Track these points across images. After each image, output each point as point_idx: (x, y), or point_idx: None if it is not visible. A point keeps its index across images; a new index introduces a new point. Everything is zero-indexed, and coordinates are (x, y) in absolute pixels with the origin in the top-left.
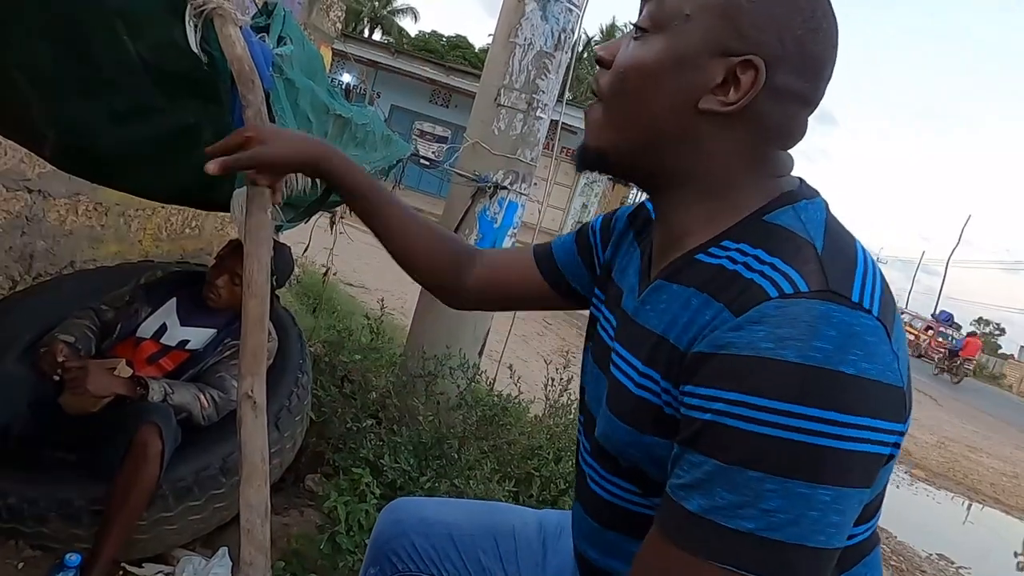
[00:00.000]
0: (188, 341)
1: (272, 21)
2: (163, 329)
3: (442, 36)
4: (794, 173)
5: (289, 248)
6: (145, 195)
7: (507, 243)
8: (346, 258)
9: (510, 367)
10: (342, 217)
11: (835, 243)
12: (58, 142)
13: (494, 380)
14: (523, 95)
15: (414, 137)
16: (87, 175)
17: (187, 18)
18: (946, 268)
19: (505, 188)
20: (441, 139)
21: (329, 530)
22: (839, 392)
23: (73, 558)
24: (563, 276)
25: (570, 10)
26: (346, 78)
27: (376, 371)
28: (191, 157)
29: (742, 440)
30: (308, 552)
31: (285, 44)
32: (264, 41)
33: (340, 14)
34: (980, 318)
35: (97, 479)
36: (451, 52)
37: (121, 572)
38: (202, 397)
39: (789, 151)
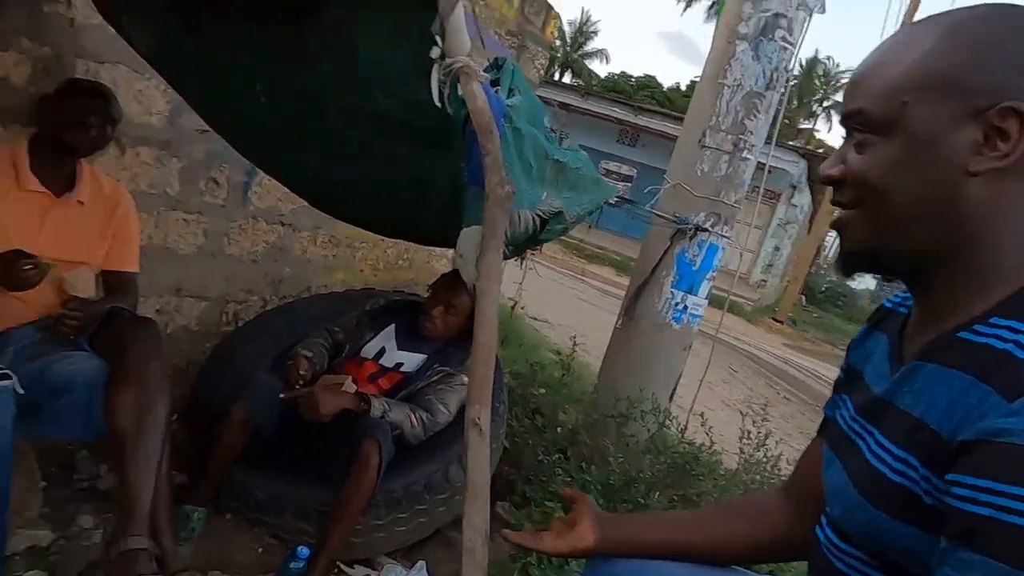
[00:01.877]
0: (403, 364)
1: (502, 74)
2: (382, 351)
3: (631, 77)
4: None
5: None
6: (381, 231)
7: (705, 287)
8: (532, 292)
9: (701, 415)
10: (532, 253)
11: None
12: (317, 185)
13: (685, 427)
14: (729, 136)
15: (600, 175)
16: (337, 213)
17: (434, 77)
18: None
19: (706, 230)
20: (627, 178)
21: (521, 560)
22: None
23: (303, 551)
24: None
25: (784, 48)
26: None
27: (565, 407)
28: (426, 199)
29: (1013, 536)
30: None
31: (514, 95)
32: (498, 94)
33: (544, 62)
34: None
35: (325, 483)
36: (639, 92)
37: (336, 570)
38: (413, 417)
39: None
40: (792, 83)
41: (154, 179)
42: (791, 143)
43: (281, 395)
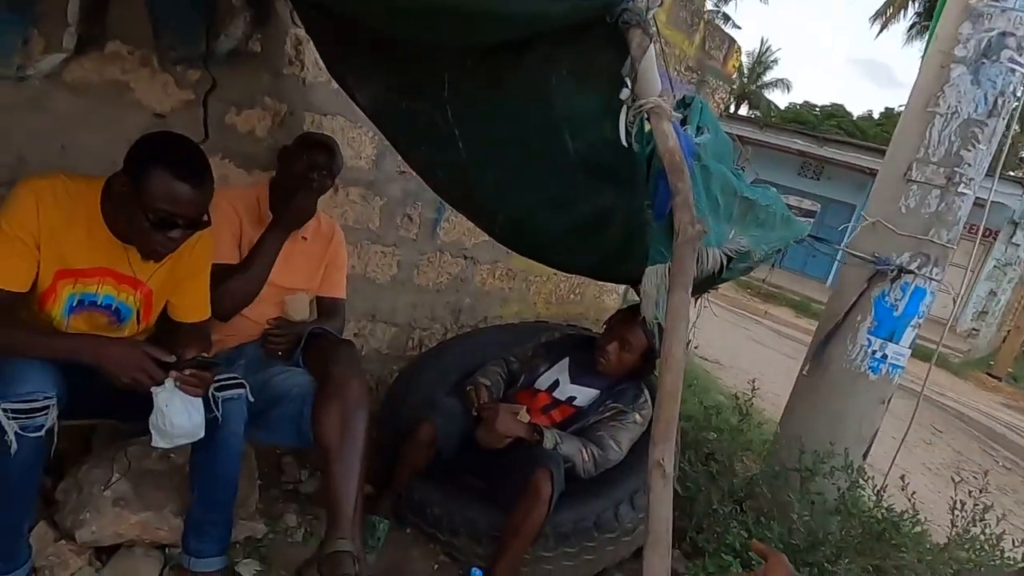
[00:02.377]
0: (575, 398)
1: (691, 112)
2: (556, 384)
3: (815, 106)
4: None
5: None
6: (563, 268)
7: (909, 335)
8: (705, 333)
9: (901, 477)
10: (709, 292)
11: None
12: (505, 223)
13: (883, 489)
14: (942, 169)
15: None
16: (522, 250)
17: (623, 117)
18: None
19: (911, 272)
20: (809, 213)
21: None
22: None
23: (477, 572)
24: None
25: (1012, 71)
26: None
27: (741, 455)
28: (604, 235)
29: None
30: None
31: (703, 133)
32: (686, 131)
33: (724, 96)
34: None
35: (498, 508)
36: (825, 122)
37: None
38: (584, 452)
39: None
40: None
41: (359, 215)
42: (1011, 173)
43: (475, 409)
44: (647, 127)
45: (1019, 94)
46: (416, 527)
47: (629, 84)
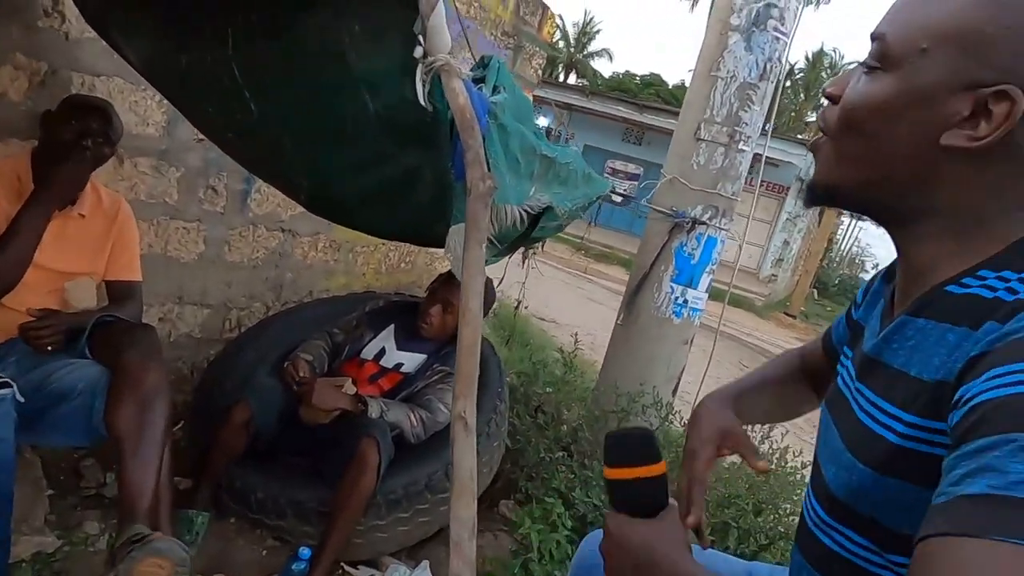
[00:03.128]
0: (403, 364)
1: (488, 72)
2: (383, 352)
3: (635, 75)
4: None
5: (491, 280)
6: (375, 233)
7: (705, 280)
8: (537, 293)
9: None
10: (534, 253)
11: None
12: (311, 189)
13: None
14: (725, 128)
15: (606, 175)
16: (331, 216)
17: (418, 76)
18: None
19: (704, 223)
20: (633, 176)
21: (522, 556)
22: None
23: (305, 551)
24: (836, 351)
25: (777, 39)
26: (543, 121)
27: (568, 404)
28: (412, 197)
29: None
30: (500, 574)
31: (499, 92)
32: (481, 91)
33: (541, 62)
34: None
35: (325, 484)
36: (644, 90)
37: (340, 571)
38: (412, 416)
39: None
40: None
41: (153, 189)
42: (799, 136)
43: (294, 385)
44: None
45: (784, 60)
46: (240, 515)
47: (422, 42)
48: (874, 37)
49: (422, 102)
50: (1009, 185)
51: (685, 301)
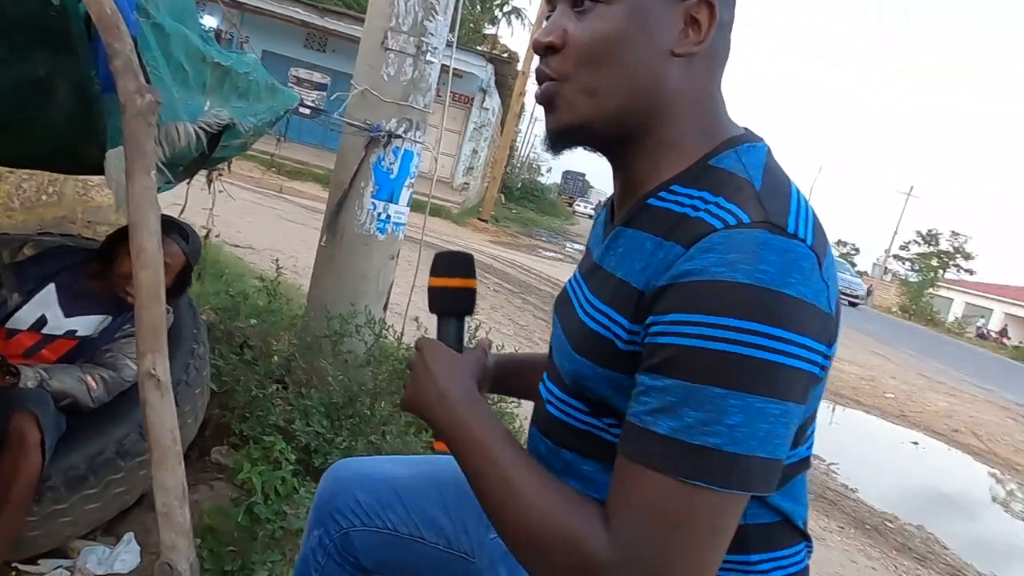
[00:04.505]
0: (76, 331)
1: None
2: (42, 321)
3: None
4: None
5: (194, 231)
6: (8, 161)
7: (405, 194)
8: (228, 218)
9: (416, 319)
10: (220, 175)
11: (772, 182)
12: None
13: (402, 334)
14: (412, 38)
15: (291, 84)
16: None
17: None
18: (810, 194)
19: (399, 137)
20: (320, 86)
21: (245, 502)
22: (784, 311)
23: None
24: None
25: None
26: (210, 22)
27: (277, 334)
28: (44, 114)
29: (706, 358)
30: (223, 526)
31: None
32: None
33: None
34: (839, 240)
35: None
36: None
37: (13, 573)
38: (88, 379)
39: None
40: None
41: None
42: (478, 48)
43: None
44: None
45: None
46: None
47: None
48: None
49: None
50: (706, 96)
51: (388, 217)
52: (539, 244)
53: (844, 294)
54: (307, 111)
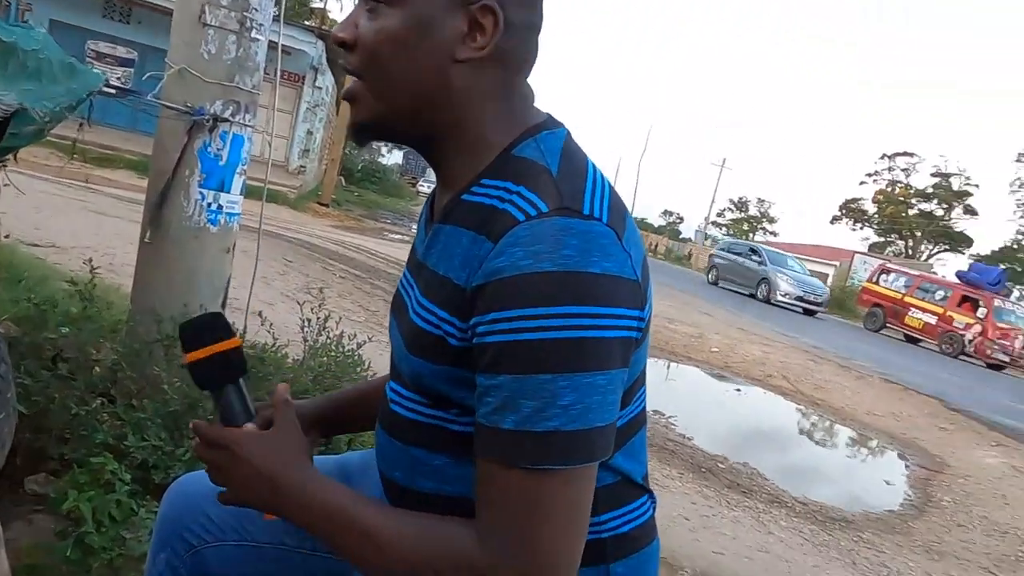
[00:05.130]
0: None
1: None
2: None
3: None
4: None
5: None
6: None
7: (237, 182)
8: (21, 214)
9: (259, 314)
10: (4, 165)
11: (568, 166)
12: None
13: (244, 330)
14: (233, 13)
15: (89, 60)
16: None
17: None
18: (638, 172)
19: (226, 120)
20: (126, 62)
21: (73, 533)
22: (592, 289)
23: None
24: None
25: None
26: None
27: (97, 343)
28: None
29: (527, 349)
30: (47, 563)
31: None
32: None
33: None
34: (665, 210)
35: None
36: None
37: None
38: None
39: (528, 82)
40: None
41: None
42: (306, 23)
43: None
44: None
45: None
46: None
47: None
48: None
49: None
50: (503, 94)
51: (220, 207)
52: (385, 227)
53: (804, 301)
54: (114, 91)
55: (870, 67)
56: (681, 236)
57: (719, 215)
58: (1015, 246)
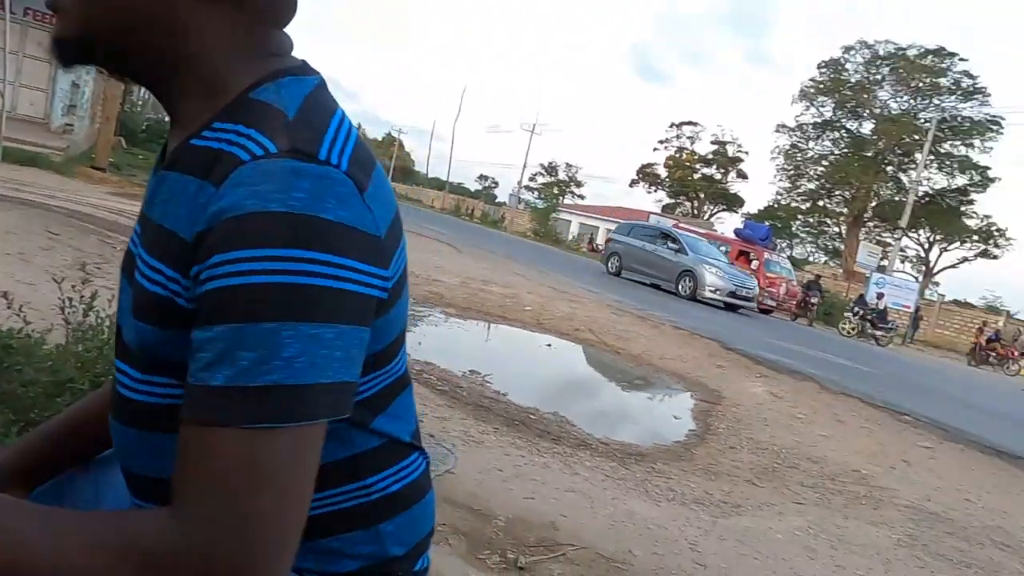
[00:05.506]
0: None
1: None
2: None
3: None
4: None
5: None
6: None
7: None
8: None
9: (5, 295)
10: None
11: (309, 113)
12: None
13: None
14: None
15: None
16: None
17: None
18: (453, 134)
19: None
20: None
21: None
22: (322, 235)
23: None
24: None
25: None
26: None
27: None
28: None
29: (250, 293)
30: None
31: None
32: None
33: None
34: (481, 175)
35: None
36: None
37: None
38: None
39: (286, 31)
40: None
41: None
42: None
43: None
44: None
45: None
46: None
47: None
48: None
49: None
50: (243, 32)
51: None
52: None
53: (736, 296)
54: None
55: (672, 37)
56: (497, 200)
57: (531, 179)
58: (775, 205)
